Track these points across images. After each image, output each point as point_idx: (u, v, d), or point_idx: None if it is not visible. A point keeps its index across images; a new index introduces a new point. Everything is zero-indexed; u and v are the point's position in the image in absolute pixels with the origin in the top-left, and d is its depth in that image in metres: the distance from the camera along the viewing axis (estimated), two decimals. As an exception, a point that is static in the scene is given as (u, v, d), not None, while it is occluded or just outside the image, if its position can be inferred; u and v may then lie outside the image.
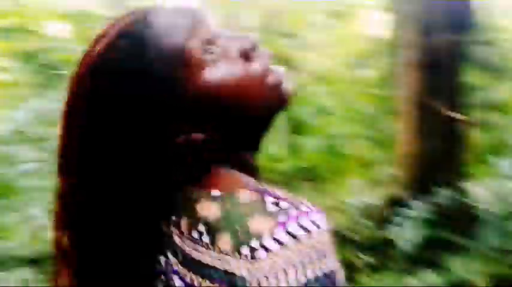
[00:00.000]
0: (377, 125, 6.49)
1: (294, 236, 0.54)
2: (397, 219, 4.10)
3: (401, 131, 4.85)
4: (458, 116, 4.46)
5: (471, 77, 6.69)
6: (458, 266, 3.41)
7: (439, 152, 4.37)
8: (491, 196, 4.16)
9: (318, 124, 6.90)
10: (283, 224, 0.55)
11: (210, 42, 0.64)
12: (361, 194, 4.86)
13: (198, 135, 0.62)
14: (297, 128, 6.43)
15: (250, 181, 0.64)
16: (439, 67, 4.47)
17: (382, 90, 6.27)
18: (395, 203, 4.37)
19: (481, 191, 4.21)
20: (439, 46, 4.39)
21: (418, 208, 4.03)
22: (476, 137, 5.03)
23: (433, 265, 3.52)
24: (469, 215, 4.08)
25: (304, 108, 6.34)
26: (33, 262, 3.25)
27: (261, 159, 0.75)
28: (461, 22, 4.84)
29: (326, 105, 7.17)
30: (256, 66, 0.65)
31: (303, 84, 9.06)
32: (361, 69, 7.37)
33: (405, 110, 4.77)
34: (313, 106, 6.65)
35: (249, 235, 0.55)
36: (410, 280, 3.26)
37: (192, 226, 0.61)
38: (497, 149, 5.19)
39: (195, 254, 0.59)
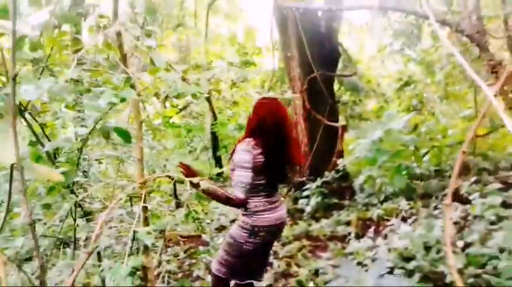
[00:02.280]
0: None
1: None
2: (303, 195, 6.18)
3: (299, 136, 6.99)
4: (335, 124, 6.69)
5: (345, 95, 9.21)
6: (343, 216, 5.52)
7: (324, 149, 6.54)
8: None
9: (238, 136, 8.91)
10: None
11: None
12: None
13: None
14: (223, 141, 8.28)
15: None
16: (319, 92, 6.68)
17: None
18: (302, 185, 6.45)
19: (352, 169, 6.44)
20: (316, 78, 6.60)
21: (314, 186, 6.13)
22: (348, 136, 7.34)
23: (327, 217, 5.61)
24: (347, 186, 6.32)
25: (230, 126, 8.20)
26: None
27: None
28: (331, 60, 7.15)
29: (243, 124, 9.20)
30: None
31: (222, 108, 10.96)
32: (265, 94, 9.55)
33: (300, 122, 6.92)
34: (233, 124, 8.59)
35: None
36: (314, 226, 5.30)
37: None
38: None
39: None
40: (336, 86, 8.37)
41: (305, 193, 6.16)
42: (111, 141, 3.22)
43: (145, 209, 1.83)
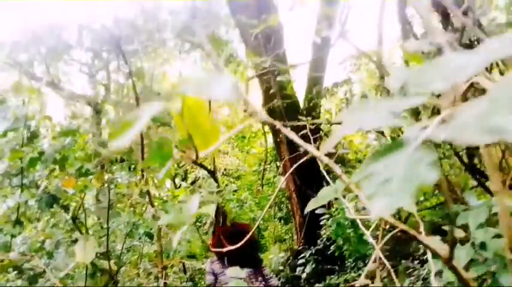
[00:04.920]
0: (281, 206, 9.62)
1: None
2: (299, 263, 6.99)
3: (294, 209, 7.91)
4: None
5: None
6: (333, 279, 6.30)
7: (316, 219, 7.42)
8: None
9: (239, 212, 9.83)
10: None
11: None
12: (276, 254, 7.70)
13: None
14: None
15: None
16: (307, 169, 7.68)
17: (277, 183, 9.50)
18: (298, 253, 7.26)
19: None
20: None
21: (309, 254, 6.95)
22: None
23: (320, 282, 6.38)
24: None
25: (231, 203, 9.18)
26: None
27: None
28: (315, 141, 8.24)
29: (242, 198, 10.17)
30: None
31: (227, 182, 11.98)
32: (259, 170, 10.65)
33: (293, 196, 7.88)
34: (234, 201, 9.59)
35: None
36: (308, 291, 6.08)
37: None
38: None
39: None
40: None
41: (300, 261, 6.96)
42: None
43: (165, 284, 2.75)
